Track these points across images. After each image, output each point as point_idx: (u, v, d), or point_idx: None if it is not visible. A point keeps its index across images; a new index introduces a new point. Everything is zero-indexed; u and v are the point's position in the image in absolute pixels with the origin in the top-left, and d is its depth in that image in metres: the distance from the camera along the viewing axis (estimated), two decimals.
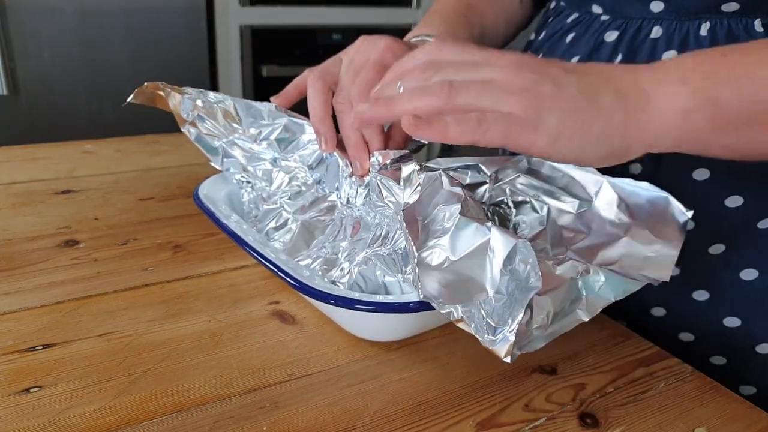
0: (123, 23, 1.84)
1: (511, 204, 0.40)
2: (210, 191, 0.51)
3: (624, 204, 0.37)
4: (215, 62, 2.11)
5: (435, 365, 0.40)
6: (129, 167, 0.75)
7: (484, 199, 0.41)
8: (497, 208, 0.40)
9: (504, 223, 0.40)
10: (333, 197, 0.47)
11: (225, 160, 0.51)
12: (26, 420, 0.34)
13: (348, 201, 0.45)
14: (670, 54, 0.47)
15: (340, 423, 0.35)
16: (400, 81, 0.37)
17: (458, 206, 0.36)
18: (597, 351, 0.43)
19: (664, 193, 0.37)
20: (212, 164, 0.52)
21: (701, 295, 0.50)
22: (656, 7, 0.48)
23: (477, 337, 0.31)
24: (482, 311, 0.31)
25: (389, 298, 0.36)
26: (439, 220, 0.36)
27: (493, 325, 0.31)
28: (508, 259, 0.32)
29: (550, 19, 0.60)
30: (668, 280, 0.35)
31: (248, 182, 0.51)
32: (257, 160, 0.50)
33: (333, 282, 0.43)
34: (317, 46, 2.12)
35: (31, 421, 0.34)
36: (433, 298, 0.33)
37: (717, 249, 0.49)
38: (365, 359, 0.40)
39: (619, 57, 0.50)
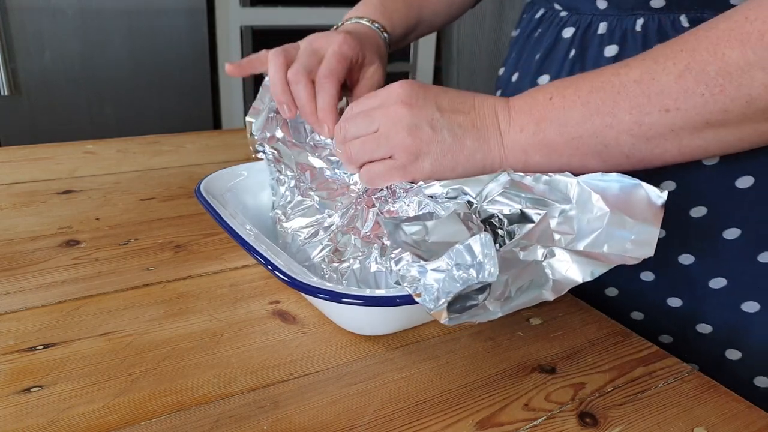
0: (124, 24, 1.84)
1: (501, 216, 0.41)
2: (212, 187, 0.51)
3: (599, 197, 0.37)
4: (216, 63, 2.11)
5: (435, 364, 0.40)
6: (130, 167, 0.76)
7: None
8: (490, 219, 0.42)
9: (496, 231, 0.42)
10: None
11: (266, 136, 0.55)
12: (28, 419, 0.34)
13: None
14: (612, 48, 0.52)
15: (341, 422, 0.35)
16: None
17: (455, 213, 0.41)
18: (596, 350, 0.43)
19: (635, 180, 0.37)
20: (250, 118, 0.55)
21: (647, 276, 0.53)
22: (601, 4, 0.52)
23: (423, 305, 0.34)
24: (430, 281, 0.35)
25: (377, 292, 0.37)
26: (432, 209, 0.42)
27: (436, 294, 0.34)
28: (466, 243, 0.35)
29: (524, 15, 0.65)
30: (653, 255, 0.36)
31: (280, 161, 0.54)
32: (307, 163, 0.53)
33: (336, 271, 0.44)
34: None
35: (32, 421, 0.34)
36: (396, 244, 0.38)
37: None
38: (365, 358, 0.41)
39: (573, 52, 0.55)
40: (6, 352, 0.39)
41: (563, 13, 0.57)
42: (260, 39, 2.15)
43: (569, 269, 0.36)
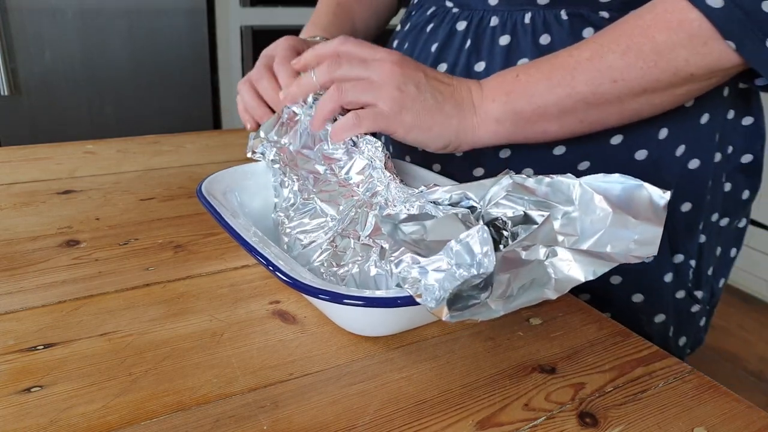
0: (124, 24, 1.84)
1: (505, 219, 0.41)
2: (213, 187, 0.51)
3: (602, 198, 0.38)
4: (216, 63, 2.11)
5: (435, 364, 0.40)
6: (130, 167, 0.76)
7: (479, 222, 0.43)
8: (494, 221, 0.42)
9: (501, 232, 0.42)
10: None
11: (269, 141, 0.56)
12: (28, 419, 0.34)
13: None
14: (505, 38, 0.60)
15: (341, 422, 0.35)
16: (313, 69, 0.52)
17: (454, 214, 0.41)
18: (596, 350, 0.43)
19: (637, 181, 0.37)
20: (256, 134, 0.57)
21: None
22: (493, 0, 0.60)
23: (423, 304, 0.34)
24: (431, 281, 0.35)
25: (378, 293, 0.37)
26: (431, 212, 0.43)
27: (438, 293, 0.34)
28: (464, 239, 0.35)
29: (413, 13, 0.71)
30: (656, 254, 0.37)
31: (281, 163, 0.55)
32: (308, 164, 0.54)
33: (335, 275, 0.44)
34: None
35: (32, 421, 0.34)
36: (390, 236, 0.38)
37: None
38: (365, 358, 0.41)
39: (468, 42, 0.62)
40: (6, 352, 0.39)
41: (455, 10, 0.64)
42: (260, 39, 2.15)
43: (571, 268, 0.36)
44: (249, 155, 0.57)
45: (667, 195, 0.37)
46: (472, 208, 0.43)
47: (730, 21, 0.44)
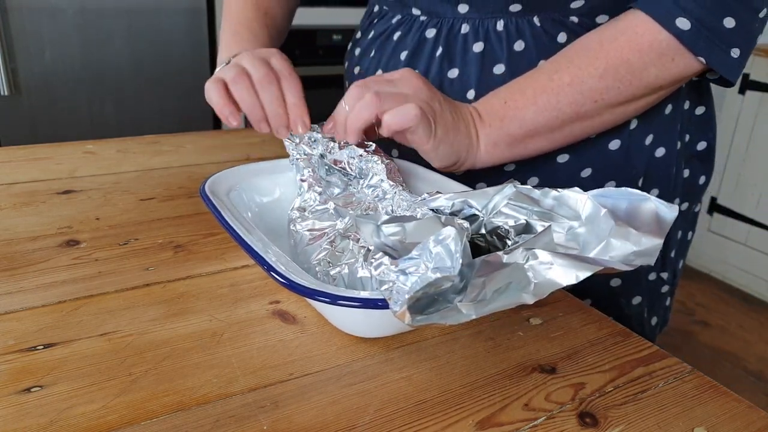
0: (124, 23, 1.84)
1: (508, 227, 0.41)
2: (216, 187, 0.51)
3: (607, 212, 0.37)
4: (216, 63, 2.11)
5: (435, 364, 0.40)
6: (130, 167, 0.76)
7: (481, 230, 0.43)
8: (497, 230, 0.42)
9: (504, 241, 0.41)
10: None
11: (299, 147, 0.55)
12: (28, 419, 0.34)
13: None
14: (479, 45, 0.61)
15: (341, 422, 0.35)
16: (344, 101, 0.51)
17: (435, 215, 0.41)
18: (596, 350, 0.43)
19: (643, 195, 0.37)
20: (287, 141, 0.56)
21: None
22: (462, 9, 0.61)
23: (391, 308, 0.33)
24: (407, 285, 0.34)
25: (374, 294, 0.37)
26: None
27: (405, 296, 0.33)
28: (443, 240, 0.34)
29: (375, 21, 0.70)
30: (653, 264, 0.38)
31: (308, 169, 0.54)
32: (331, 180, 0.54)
33: (327, 275, 0.44)
34: (317, 46, 2.12)
35: (32, 421, 0.34)
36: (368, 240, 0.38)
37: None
38: (365, 358, 0.41)
39: (440, 50, 0.62)
40: (6, 352, 0.39)
41: (423, 18, 0.64)
42: None
43: (552, 272, 0.34)
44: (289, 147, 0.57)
45: (675, 209, 0.37)
46: (474, 216, 0.43)
47: (698, 39, 0.50)
